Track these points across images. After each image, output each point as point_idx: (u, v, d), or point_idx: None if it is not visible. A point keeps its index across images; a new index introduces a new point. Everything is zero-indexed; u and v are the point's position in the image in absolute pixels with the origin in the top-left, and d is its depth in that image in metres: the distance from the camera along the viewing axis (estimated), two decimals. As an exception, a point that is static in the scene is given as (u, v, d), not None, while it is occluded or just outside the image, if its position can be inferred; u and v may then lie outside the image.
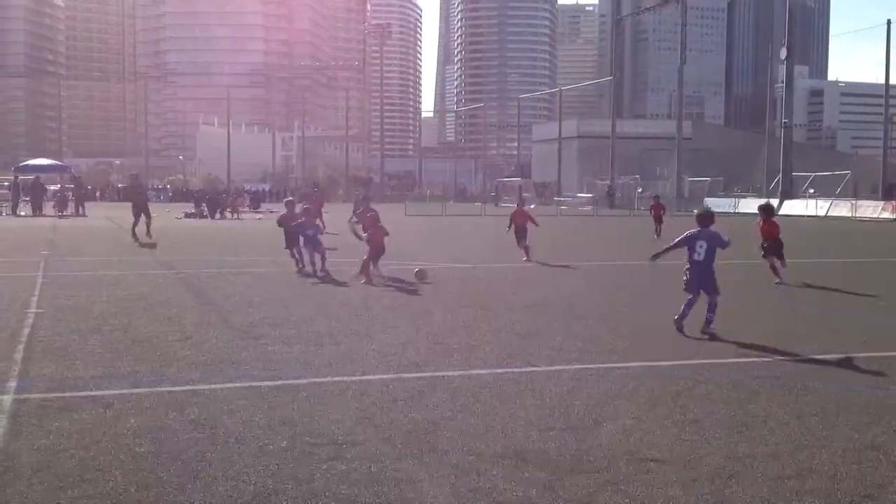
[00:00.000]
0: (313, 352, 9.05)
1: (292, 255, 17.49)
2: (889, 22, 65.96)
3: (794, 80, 76.56)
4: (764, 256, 16.22)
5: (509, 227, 20.71)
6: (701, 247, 10.18)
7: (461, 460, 5.50)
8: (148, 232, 26.91)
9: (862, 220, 50.90)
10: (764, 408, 6.94)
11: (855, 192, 64.80)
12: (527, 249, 19.95)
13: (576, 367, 8.45)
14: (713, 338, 10.00)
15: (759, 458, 5.61)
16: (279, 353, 8.95)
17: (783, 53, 71.53)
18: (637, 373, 8.24)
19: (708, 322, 10.20)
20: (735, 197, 71.87)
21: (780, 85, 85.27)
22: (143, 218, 27.30)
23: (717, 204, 68.98)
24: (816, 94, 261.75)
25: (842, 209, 56.79)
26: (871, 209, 55.16)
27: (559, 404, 6.95)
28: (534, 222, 20.88)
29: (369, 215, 17.23)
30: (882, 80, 69.59)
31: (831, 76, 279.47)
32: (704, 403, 7.05)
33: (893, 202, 55.56)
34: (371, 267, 15.93)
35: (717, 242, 10.23)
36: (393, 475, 5.22)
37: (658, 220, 29.60)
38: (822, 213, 57.81)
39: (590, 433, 6.16)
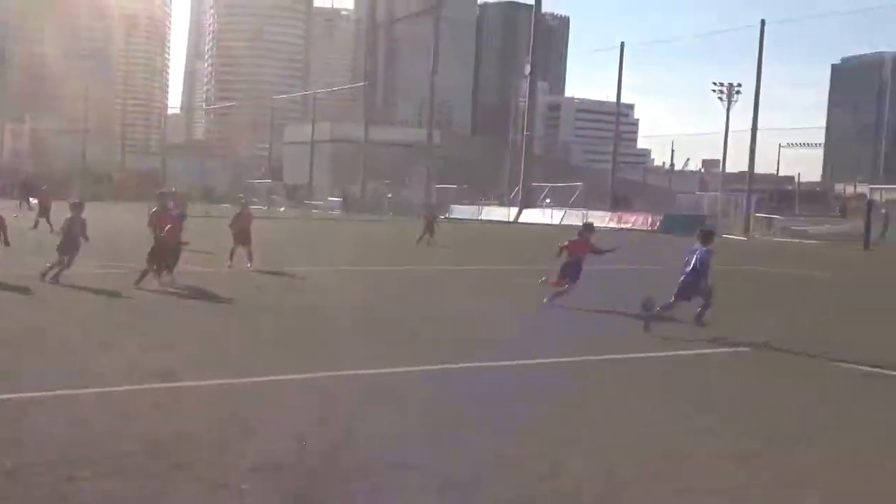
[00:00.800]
0: (53, 363, 8.39)
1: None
2: (623, 45, 71.09)
3: (535, 95, 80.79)
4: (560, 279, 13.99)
5: (232, 229, 19.87)
6: (692, 259, 11.62)
7: (212, 473, 5.29)
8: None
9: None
10: (510, 410, 7.25)
11: (586, 202, 69.24)
12: (250, 254, 19.26)
13: (327, 373, 8.41)
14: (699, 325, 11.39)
15: (508, 461, 5.82)
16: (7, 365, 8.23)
17: (527, 69, 75.46)
18: (389, 379, 8.34)
19: (699, 315, 11.55)
20: (479, 205, 74.80)
21: (522, 99, 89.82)
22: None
23: (462, 211, 71.56)
24: (554, 108, 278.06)
25: (574, 218, 60.59)
26: (600, 219, 59.30)
27: (312, 412, 6.88)
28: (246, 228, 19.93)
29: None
30: (614, 99, 74.94)
31: (568, 93, 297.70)
32: (457, 408, 7.24)
33: (619, 213, 60.10)
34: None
35: (704, 257, 11.59)
36: (138, 493, 4.94)
37: (429, 228, 30.00)
38: (556, 221, 61.51)
39: (345, 440, 6.14)
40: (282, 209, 74.56)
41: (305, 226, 48.91)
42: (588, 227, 15.13)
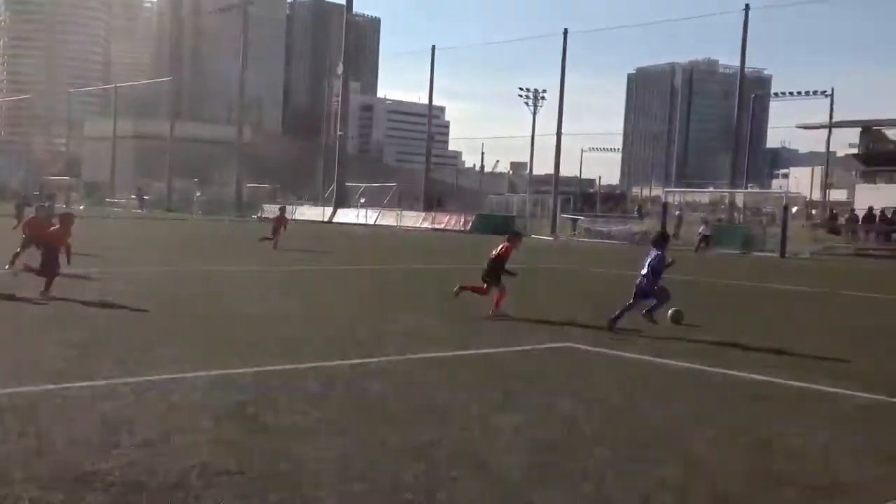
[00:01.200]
0: None
1: None
2: (434, 47, 72.15)
3: (348, 95, 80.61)
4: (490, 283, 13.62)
5: (25, 230, 18.30)
6: (646, 262, 12.41)
7: (11, 490, 4.95)
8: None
9: (406, 229, 55.20)
10: (324, 413, 7.20)
11: (399, 202, 69.86)
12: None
13: (139, 378, 8.07)
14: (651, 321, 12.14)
15: (329, 461, 5.77)
16: None
17: (339, 69, 75.14)
18: (203, 383, 8.09)
19: (650, 311, 12.27)
20: (292, 204, 73.91)
21: (336, 98, 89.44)
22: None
23: (274, 211, 70.60)
24: (366, 109, 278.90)
25: (389, 218, 61.03)
26: (414, 219, 60.02)
27: (124, 420, 6.57)
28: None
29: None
30: (425, 101, 76.10)
31: (380, 93, 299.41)
32: (272, 411, 7.11)
33: (433, 213, 61.04)
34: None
35: (658, 260, 12.39)
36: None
37: (276, 231, 29.23)
38: (371, 221, 61.70)
39: (159, 448, 5.89)
40: (81, 207, 70.80)
41: (104, 225, 46.63)
42: (517, 236, 14.78)
